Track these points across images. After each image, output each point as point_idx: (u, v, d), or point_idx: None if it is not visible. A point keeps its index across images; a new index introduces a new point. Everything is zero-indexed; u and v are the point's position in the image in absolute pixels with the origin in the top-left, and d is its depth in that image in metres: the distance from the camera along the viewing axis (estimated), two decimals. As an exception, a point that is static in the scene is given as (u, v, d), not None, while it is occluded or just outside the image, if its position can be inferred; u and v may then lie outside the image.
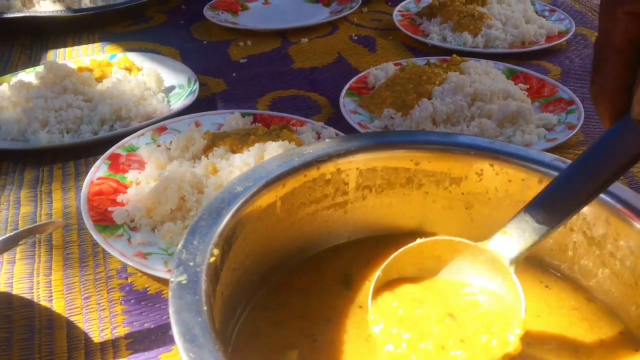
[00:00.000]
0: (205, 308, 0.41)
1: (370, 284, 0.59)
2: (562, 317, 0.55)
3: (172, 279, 0.43)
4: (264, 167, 0.56)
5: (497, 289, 0.51)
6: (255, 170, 0.55)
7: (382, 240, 0.64)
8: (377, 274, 0.51)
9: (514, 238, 0.49)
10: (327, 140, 0.61)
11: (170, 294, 0.42)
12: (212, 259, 0.45)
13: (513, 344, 0.46)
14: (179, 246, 0.46)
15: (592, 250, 0.56)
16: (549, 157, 0.58)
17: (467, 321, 0.49)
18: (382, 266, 0.51)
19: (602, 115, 0.46)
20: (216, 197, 0.52)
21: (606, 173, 0.45)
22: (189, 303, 0.41)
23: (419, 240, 0.53)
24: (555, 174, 0.56)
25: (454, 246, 0.52)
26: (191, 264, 0.44)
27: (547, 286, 0.58)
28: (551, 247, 0.59)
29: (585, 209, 0.54)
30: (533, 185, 0.58)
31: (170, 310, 0.40)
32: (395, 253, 0.52)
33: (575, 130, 0.93)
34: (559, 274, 0.59)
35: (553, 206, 0.48)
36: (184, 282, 0.43)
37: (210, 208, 0.50)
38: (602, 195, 0.53)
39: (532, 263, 0.60)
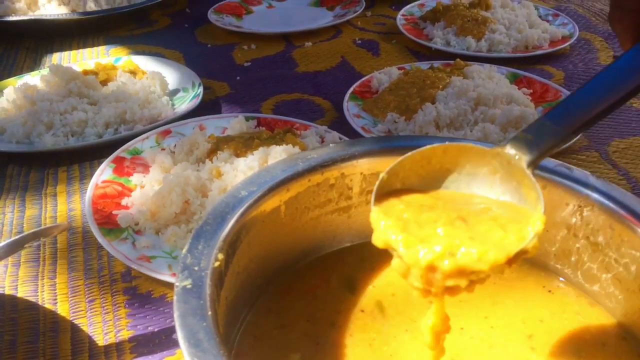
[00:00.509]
0: (209, 313, 0.41)
1: (375, 289, 0.59)
2: (565, 321, 0.55)
3: (177, 284, 0.43)
4: (268, 172, 0.56)
5: (512, 199, 0.48)
6: (259, 174, 0.56)
7: (386, 245, 0.64)
8: (380, 176, 0.49)
9: (533, 140, 0.47)
10: (331, 145, 0.61)
11: (175, 298, 0.42)
12: (217, 264, 0.46)
13: (532, 240, 0.43)
14: (184, 250, 0.46)
15: (595, 256, 0.56)
16: (552, 162, 0.58)
17: (479, 222, 0.45)
18: (387, 169, 0.49)
19: (622, 37, 0.47)
20: (221, 201, 0.52)
21: (626, 89, 0.45)
22: (194, 307, 0.41)
23: (428, 146, 0.49)
24: (559, 179, 0.56)
25: (465, 153, 0.49)
26: (196, 268, 0.45)
27: (550, 291, 0.58)
28: (555, 252, 0.59)
29: (589, 215, 0.55)
30: (536, 190, 0.58)
31: (175, 315, 0.40)
32: (402, 157, 0.49)
33: (579, 136, 0.93)
34: (562, 279, 0.59)
35: (574, 112, 0.47)
36: (189, 286, 0.43)
37: (215, 212, 0.50)
38: (605, 202, 0.53)
39: (535, 268, 0.60)
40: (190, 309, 0.41)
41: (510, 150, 0.48)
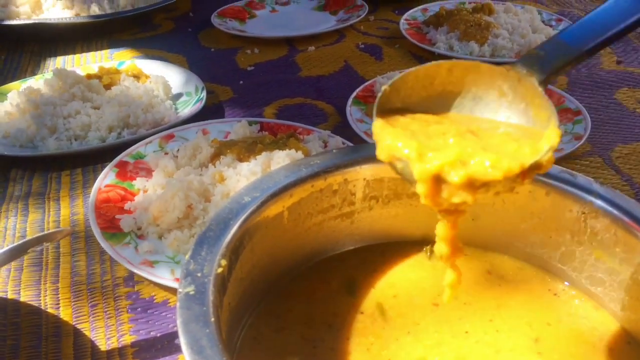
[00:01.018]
0: (212, 319, 0.41)
1: (375, 291, 0.59)
2: (571, 325, 0.55)
3: (180, 290, 0.43)
4: (271, 177, 0.56)
5: (520, 122, 0.47)
6: (262, 180, 0.56)
7: (388, 248, 0.64)
8: (382, 88, 0.46)
9: (545, 57, 0.46)
10: (334, 150, 0.61)
11: (178, 304, 0.42)
12: (220, 270, 0.46)
13: (546, 153, 0.41)
14: (187, 257, 0.46)
15: (599, 261, 0.55)
16: (556, 169, 0.58)
17: (491, 136, 0.44)
18: (390, 82, 0.47)
19: None
20: (224, 207, 0.52)
21: (633, 18, 0.45)
22: (197, 314, 0.41)
23: (432, 62, 0.47)
24: (562, 185, 0.56)
25: (472, 73, 0.47)
26: (199, 274, 0.45)
27: (555, 294, 0.58)
28: (559, 256, 0.59)
29: (593, 221, 0.55)
30: (540, 197, 0.58)
31: (178, 321, 0.40)
32: (405, 72, 0.47)
33: (582, 141, 0.93)
34: (567, 282, 0.59)
35: (589, 33, 0.46)
36: (192, 292, 0.43)
37: (218, 218, 0.50)
38: (609, 208, 0.53)
39: (540, 271, 0.60)
40: (193, 315, 0.41)
41: (520, 68, 0.47)
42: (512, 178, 0.40)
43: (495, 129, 0.46)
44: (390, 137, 0.43)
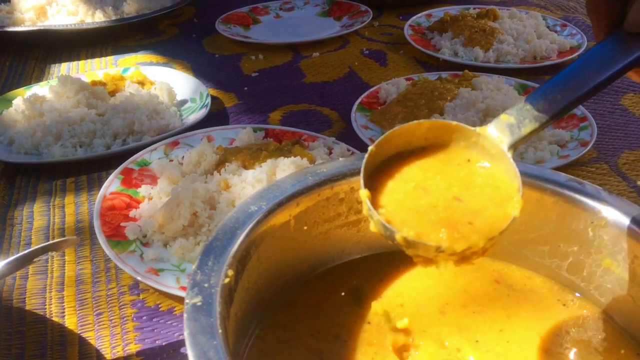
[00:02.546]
0: (220, 331, 0.40)
1: (382, 300, 0.59)
2: (580, 335, 0.54)
3: (187, 301, 0.43)
4: (278, 186, 0.56)
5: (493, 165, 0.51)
6: (269, 189, 0.55)
7: (395, 257, 0.63)
8: (369, 149, 0.50)
9: (515, 124, 0.49)
10: (340, 159, 0.61)
11: (185, 315, 0.42)
12: (227, 280, 0.45)
13: (510, 223, 0.46)
14: (194, 267, 0.46)
15: (608, 271, 0.55)
16: (563, 177, 0.58)
17: (472, 197, 0.49)
18: (375, 142, 0.50)
19: (596, 27, 0.49)
20: (230, 216, 0.52)
21: (600, 78, 0.48)
22: (204, 326, 0.41)
23: (412, 122, 0.51)
24: (570, 194, 0.56)
25: (449, 131, 0.51)
26: (206, 285, 0.44)
27: (564, 304, 0.58)
28: (567, 266, 0.58)
29: (602, 231, 0.54)
30: (547, 205, 0.57)
31: (186, 333, 0.40)
32: (387, 132, 0.51)
33: (588, 147, 0.93)
34: (576, 293, 0.58)
35: (553, 98, 0.49)
36: (199, 303, 0.43)
37: (225, 228, 0.50)
38: (617, 217, 0.53)
39: (548, 280, 0.59)
40: (201, 327, 0.41)
41: (492, 131, 0.50)
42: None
43: (475, 182, 0.50)
44: (385, 218, 0.47)
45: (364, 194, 0.48)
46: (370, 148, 0.50)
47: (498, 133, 0.50)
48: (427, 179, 0.51)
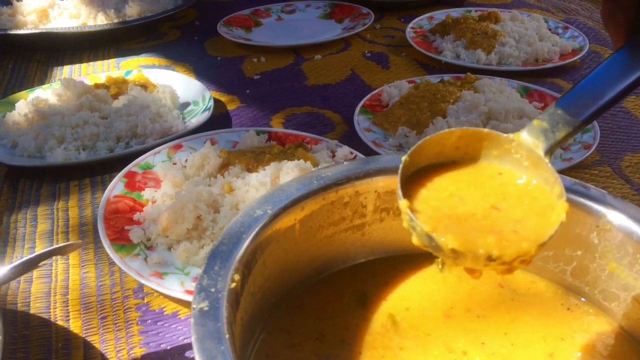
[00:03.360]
0: (227, 336, 0.40)
1: (387, 303, 0.59)
2: (586, 340, 0.54)
3: (194, 306, 0.43)
4: (283, 190, 0.56)
5: (530, 177, 0.50)
6: (274, 193, 0.55)
7: (399, 261, 0.64)
8: (402, 159, 0.49)
9: (549, 129, 0.49)
10: (345, 163, 0.61)
11: (192, 320, 0.42)
12: (233, 285, 0.45)
13: (557, 230, 0.45)
14: (201, 271, 0.46)
15: (613, 275, 0.55)
16: (568, 181, 0.58)
17: (511, 207, 0.47)
18: (408, 152, 0.50)
19: (614, 34, 0.49)
20: (236, 220, 0.52)
21: (625, 83, 0.48)
22: (211, 331, 0.41)
23: (444, 130, 0.51)
24: (577, 198, 0.56)
25: (481, 139, 0.51)
26: (212, 290, 0.44)
27: (568, 309, 0.58)
28: (571, 270, 0.58)
29: (607, 235, 0.54)
30: (553, 209, 0.57)
31: (193, 338, 0.40)
32: (419, 142, 0.50)
33: (591, 150, 0.93)
34: (581, 297, 0.58)
35: (584, 103, 0.49)
36: (206, 308, 0.43)
37: (231, 232, 0.50)
38: (623, 221, 0.53)
39: (552, 285, 0.59)
40: (208, 332, 0.41)
41: (526, 137, 0.49)
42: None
43: (511, 193, 0.49)
44: (429, 227, 0.45)
45: (404, 204, 0.47)
46: (403, 158, 0.50)
47: (532, 139, 0.49)
48: (461, 188, 0.50)
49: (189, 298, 0.66)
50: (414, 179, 0.51)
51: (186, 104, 1.15)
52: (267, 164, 0.84)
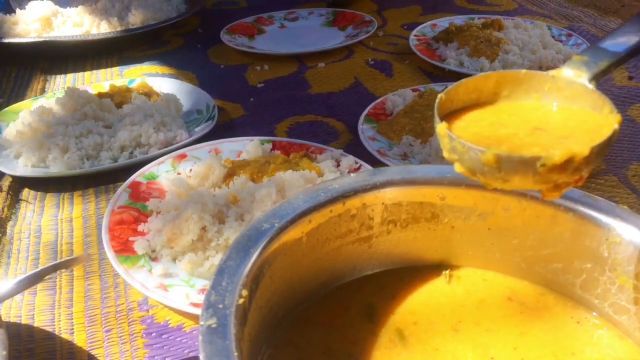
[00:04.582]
0: (235, 354, 0.40)
1: (395, 317, 0.58)
2: (596, 354, 0.53)
3: (201, 322, 0.42)
4: (290, 203, 0.55)
5: (575, 106, 0.49)
6: (281, 206, 0.55)
7: (406, 274, 0.63)
8: (439, 96, 0.49)
9: (590, 61, 0.48)
10: (352, 175, 0.60)
11: (200, 338, 0.41)
12: (241, 301, 0.45)
13: (613, 135, 0.43)
14: (208, 287, 0.45)
15: (623, 289, 0.54)
16: (577, 193, 0.57)
17: (556, 128, 0.46)
18: (445, 90, 0.49)
19: None
20: (243, 234, 0.51)
21: None
22: (220, 349, 0.40)
23: (480, 74, 0.50)
24: (586, 210, 0.56)
25: (519, 80, 0.50)
26: (220, 306, 0.44)
27: (578, 322, 0.57)
28: (580, 283, 0.58)
29: (616, 247, 0.54)
30: (562, 221, 0.57)
31: (201, 356, 0.40)
32: (456, 83, 0.50)
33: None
34: (591, 310, 0.58)
35: (627, 39, 0.49)
36: (214, 325, 0.42)
37: (238, 247, 0.50)
38: (632, 234, 0.53)
39: (562, 298, 0.59)
40: (216, 349, 0.40)
41: (567, 71, 0.49)
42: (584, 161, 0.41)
43: (555, 117, 0.48)
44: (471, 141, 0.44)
45: (442, 127, 0.46)
46: (440, 95, 0.49)
47: (574, 71, 0.48)
48: (502, 118, 0.49)
49: (194, 310, 0.66)
50: (449, 117, 0.49)
51: (190, 113, 1.14)
52: (272, 174, 0.84)
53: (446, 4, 1.79)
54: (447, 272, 0.62)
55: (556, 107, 0.50)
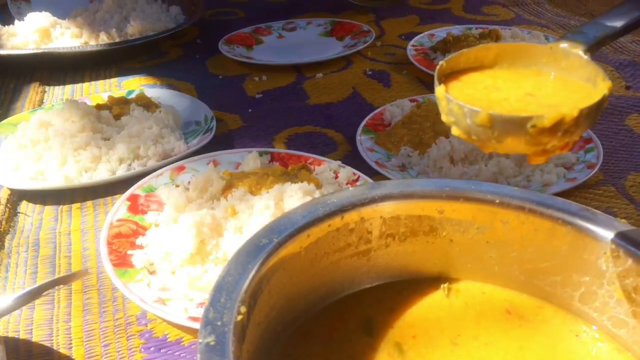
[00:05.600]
0: (234, 372, 0.40)
1: (394, 330, 0.58)
2: (594, 368, 0.54)
3: (200, 340, 0.42)
4: (288, 218, 0.55)
5: (569, 77, 0.51)
6: (279, 221, 0.55)
7: (405, 287, 0.63)
8: (440, 63, 0.51)
9: (586, 33, 0.51)
10: (350, 188, 0.60)
11: (198, 356, 0.41)
12: (240, 318, 0.45)
13: (602, 101, 0.45)
14: (206, 304, 0.45)
15: (622, 302, 0.55)
16: (575, 206, 0.57)
17: (548, 95, 0.49)
18: (446, 58, 0.52)
19: None
20: (241, 249, 0.51)
21: None
22: (218, 367, 0.40)
23: (480, 45, 0.53)
24: (584, 224, 0.56)
25: (518, 51, 0.53)
26: (219, 323, 0.44)
27: (577, 335, 0.57)
28: (579, 296, 0.58)
29: (615, 261, 0.54)
30: (560, 234, 0.57)
31: (200, 375, 0.40)
32: (458, 52, 0.52)
33: (595, 170, 0.93)
34: (589, 324, 0.57)
35: (625, 13, 0.51)
36: (212, 343, 0.42)
37: (236, 262, 0.50)
38: (631, 247, 0.53)
39: (560, 310, 0.59)
40: (215, 368, 0.40)
41: (563, 43, 0.51)
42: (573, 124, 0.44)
43: (547, 83, 0.51)
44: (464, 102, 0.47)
45: (441, 89, 0.48)
46: (441, 63, 0.51)
47: (570, 42, 0.51)
48: (497, 82, 0.51)
49: (193, 325, 0.66)
50: (449, 77, 0.52)
51: (188, 124, 1.15)
52: (271, 187, 0.84)
53: (444, 14, 1.80)
54: (446, 285, 0.62)
55: (553, 77, 0.52)
